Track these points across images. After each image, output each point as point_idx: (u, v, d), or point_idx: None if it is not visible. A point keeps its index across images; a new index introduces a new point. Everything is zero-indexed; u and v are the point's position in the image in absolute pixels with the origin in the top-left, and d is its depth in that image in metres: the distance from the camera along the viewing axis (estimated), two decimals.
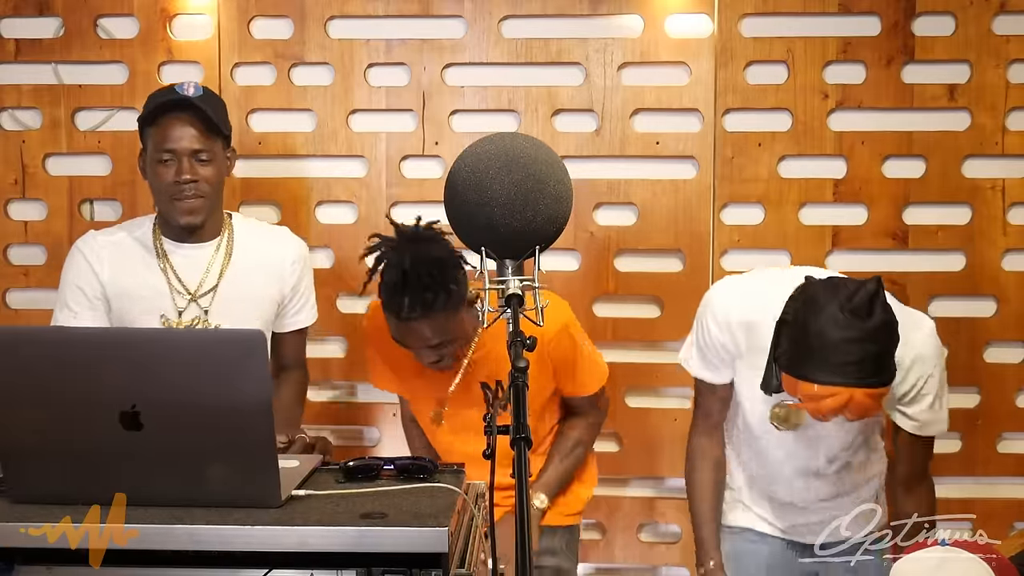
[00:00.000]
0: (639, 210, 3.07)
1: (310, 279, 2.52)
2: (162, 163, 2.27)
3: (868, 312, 1.90)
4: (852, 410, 1.92)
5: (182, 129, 2.26)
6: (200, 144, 2.28)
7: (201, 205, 2.30)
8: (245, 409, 1.56)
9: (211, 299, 2.34)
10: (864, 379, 1.90)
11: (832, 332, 1.89)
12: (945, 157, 3.00)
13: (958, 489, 3.08)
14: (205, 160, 2.29)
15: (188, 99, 2.27)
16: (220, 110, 2.34)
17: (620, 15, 3.05)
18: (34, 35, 3.10)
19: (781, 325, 2.01)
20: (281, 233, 2.51)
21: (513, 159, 1.55)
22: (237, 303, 2.35)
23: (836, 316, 1.89)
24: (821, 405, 1.92)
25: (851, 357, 1.89)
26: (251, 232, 2.45)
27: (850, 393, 1.90)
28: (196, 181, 2.28)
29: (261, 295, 2.41)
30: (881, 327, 1.91)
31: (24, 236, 3.14)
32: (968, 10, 2.96)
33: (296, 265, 2.45)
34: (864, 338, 1.89)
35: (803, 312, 1.96)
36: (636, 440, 3.11)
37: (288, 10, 3.06)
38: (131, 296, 2.33)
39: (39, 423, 1.60)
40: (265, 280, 2.41)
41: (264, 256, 2.42)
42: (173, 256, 2.35)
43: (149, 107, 2.30)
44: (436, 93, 3.06)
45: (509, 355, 1.41)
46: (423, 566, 1.53)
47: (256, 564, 1.56)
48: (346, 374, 3.16)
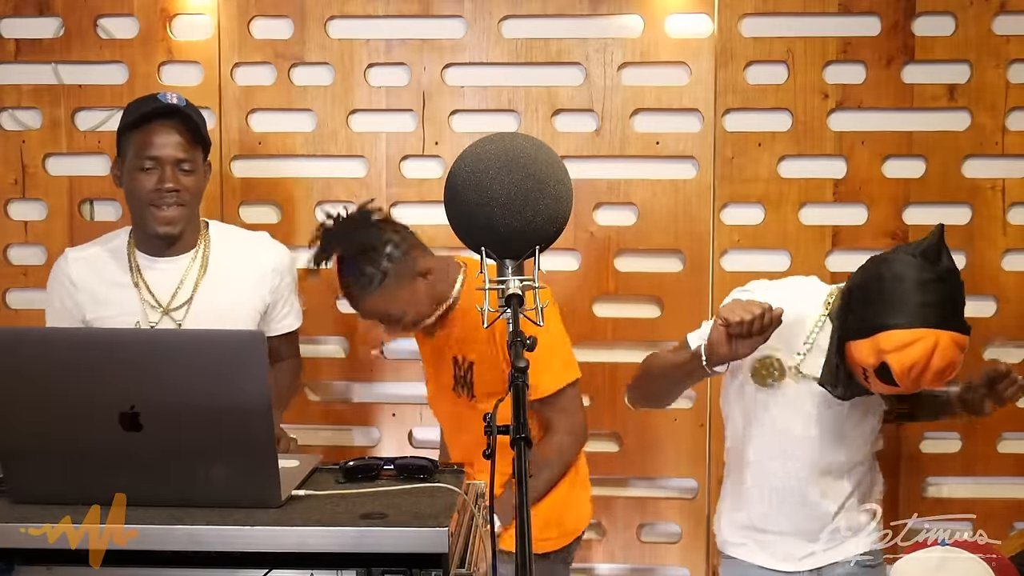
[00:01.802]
0: (639, 210, 3.07)
1: (293, 284, 2.46)
2: (143, 170, 2.23)
3: (937, 255, 1.94)
4: (939, 358, 1.89)
5: (167, 136, 2.22)
6: (184, 153, 2.24)
7: (180, 215, 2.26)
8: (245, 409, 1.56)
9: (185, 312, 2.29)
10: (946, 321, 1.90)
11: (909, 273, 1.92)
12: (945, 157, 3.00)
13: (958, 489, 3.08)
14: (188, 170, 2.25)
15: (175, 107, 2.23)
16: (202, 120, 2.31)
17: (620, 15, 3.05)
18: (34, 35, 3.10)
19: (847, 295, 2.02)
20: (260, 240, 2.45)
21: (513, 159, 1.55)
22: (212, 314, 2.29)
23: (909, 260, 1.93)
24: (906, 355, 1.89)
25: (931, 297, 1.90)
26: (228, 241, 2.39)
27: (935, 337, 1.88)
28: (178, 191, 2.23)
29: (239, 305, 2.34)
30: (953, 270, 1.95)
31: (24, 236, 3.14)
32: (968, 10, 2.96)
33: (277, 272, 2.40)
34: (940, 278, 1.92)
35: (873, 269, 1.99)
36: (636, 440, 3.11)
37: (288, 10, 3.06)
38: (104, 310, 2.30)
39: (39, 423, 1.60)
40: (243, 289, 2.36)
41: (242, 265, 2.37)
42: (147, 271, 2.31)
43: (133, 114, 2.26)
44: (436, 93, 3.06)
45: (509, 355, 1.41)
46: (423, 566, 1.54)
47: (256, 564, 1.56)
48: (346, 374, 3.16)
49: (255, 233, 2.49)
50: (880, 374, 1.95)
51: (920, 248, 1.95)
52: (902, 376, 1.91)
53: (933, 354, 1.89)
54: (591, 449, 3.12)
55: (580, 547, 2.59)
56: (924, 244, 1.95)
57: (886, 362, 1.91)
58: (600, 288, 3.08)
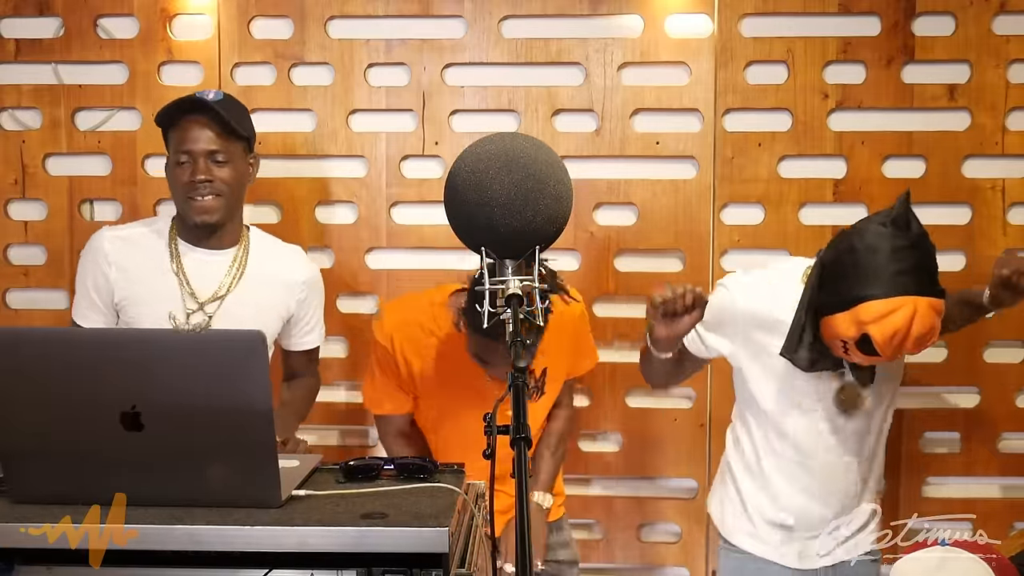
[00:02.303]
0: (639, 210, 3.07)
1: (320, 302, 2.55)
2: (179, 164, 2.30)
3: (907, 222, 1.95)
4: (919, 324, 1.91)
5: (198, 131, 2.29)
6: (216, 145, 2.29)
7: (216, 204, 2.31)
8: (245, 410, 1.56)
9: (217, 307, 2.34)
10: (923, 288, 1.93)
11: (882, 243, 1.94)
12: (945, 157, 3.00)
13: (958, 489, 3.08)
14: (221, 161, 2.30)
15: (205, 101, 2.29)
16: (239, 113, 2.36)
17: (620, 15, 3.05)
18: (34, 35, 3.10)
19: (820, 270, 2.04)
20: (296, 253, 2.53)
21: (513, 159, 1.56)
22: (241, 315, 2.34)
23: (880, 231, 1.95)
24: (887, 324, 1.91)
25: (905, 265, 1.93)
26: (267, 247, 2.47)
27: (914, 304, 1.90)
28: (211, 181, 2.29)
29: (267, 309, 2.41)
30: (924, 235, 1.98)
31: (24, 236, 3.14)
32: (968, 10, 2.96)
33: (307, 285, 2.48)
34: (913, 245, 1.94)
35: (845, 242, 2.00)
36: (636, 440, 3.11)
37: (288, 10, 3.06)
38: (139, 293, 2.33)
39: (40, 423, 1.60)
40: (273, 295, 2.43)
41: (276, 272, 2.43)
42: (186, 258, 2.36)
43: (169, 111, 2.32)
44: (436, 93, 3.06)
45: (509, 354, 1.41)
46: (423, 566, 1.54)
47: (256, 564, 1.56)
48: (347, 374, 3.16)
49: (292, 246, 2.56)
50: (861, 346, 1.97)
51: (890, 217, 1.96)
52: (884, 345, 1.93)
53: (913, 321, 1.91)
54: (591, 449, 3.13)
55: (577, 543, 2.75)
56: (893, 213, 1.96)
57: (867, 333, 1.94)
58: (600, 288, 3.08)
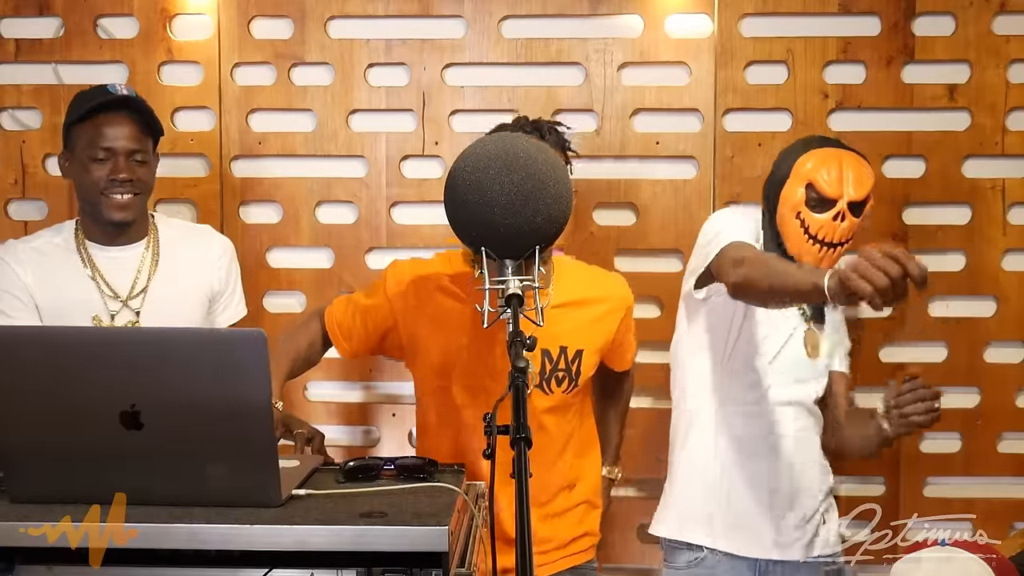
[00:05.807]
0: (639, 210, 3.07)
1: (237, 274, 2.53)
2: (96, 160, 2.26)
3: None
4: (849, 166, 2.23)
5: (120, 128, 2.26)
6: (137, 144, 2.28)
7: (135, 202, 2.30)
8: (245, 409, 1.56)
9: (141, 301, 2.33)
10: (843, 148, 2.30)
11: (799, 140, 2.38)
12: (945, 157, 3.00)
13: (958, 489, 3.08)
14: (141, 160, 2.29)
15: (126, 97, 2.27)
16: (150, 111, 2.34)
17: (620, 15, 3.05)
18: (34, 35, 3.10)
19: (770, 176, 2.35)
20: (205, 231, 2.53)
21: (513, 159, 1.56)
22: (167, 304, 2.34)
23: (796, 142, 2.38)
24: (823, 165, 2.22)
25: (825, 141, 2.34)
26: (176, 232, 2.45)
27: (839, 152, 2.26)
28: (131, 180, 2.27)
29: (190, 294, 2.40)
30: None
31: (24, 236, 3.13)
32: (968, 10, 2.96)
33: (222, 260, 2.47)
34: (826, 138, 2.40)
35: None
36: (636, 440, 3.10)
37: (288, 10, 3.06)
38: (60, 304, 2.29)
39: (39, 423, 1.60)
40: (192, 276, 2.42)
41: (190, 255, 2.42)
42: (99, 260, 2.34)
43: (83, 106, 2.28)
44: (436, 93, 3.06)
45: (509, 355, 1.41)
46: (423, 565, 1.53)
47: (256, 564, 1.56)
48: (346, 373, 3.16)
49: (199, 225, 2.58)
50: (811, 202, 2.23)
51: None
52: (830, 183, 2.21)
53: (843, 162, 2.23)
54: None
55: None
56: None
57: (811, 181, 2.22)
58: None
